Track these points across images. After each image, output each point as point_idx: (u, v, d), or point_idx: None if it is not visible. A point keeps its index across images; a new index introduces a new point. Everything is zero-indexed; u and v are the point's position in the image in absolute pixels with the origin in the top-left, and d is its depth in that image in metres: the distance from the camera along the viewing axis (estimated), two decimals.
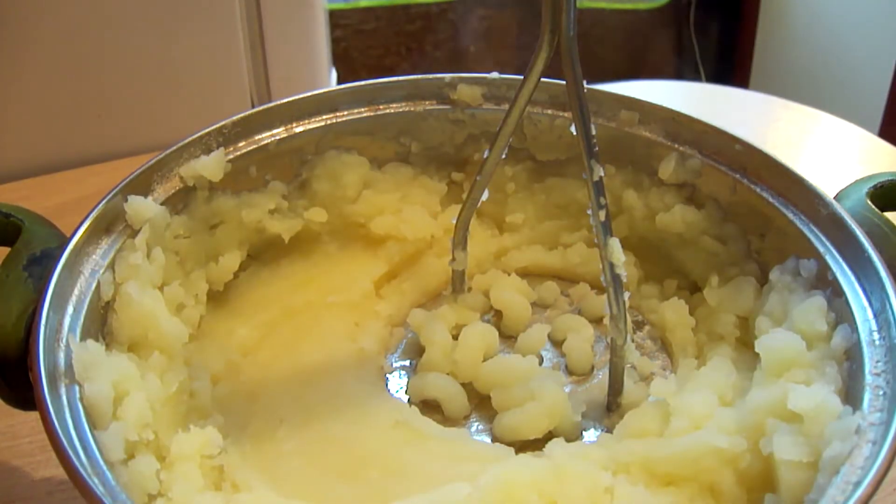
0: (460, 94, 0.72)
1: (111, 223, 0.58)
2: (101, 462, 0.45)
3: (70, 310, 0.52)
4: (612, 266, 0.57)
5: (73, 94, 0.95)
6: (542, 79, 0.56)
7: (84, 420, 0.47)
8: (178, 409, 0.56)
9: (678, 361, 0.65)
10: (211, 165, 0.63)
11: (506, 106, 0.64)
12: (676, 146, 0.67)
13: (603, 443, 0.56)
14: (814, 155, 1.04)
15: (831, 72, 2.00)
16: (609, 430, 0.60)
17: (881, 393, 0.47)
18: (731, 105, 1.15)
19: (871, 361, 0.49)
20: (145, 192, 0.60)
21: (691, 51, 2.27)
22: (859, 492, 0.42)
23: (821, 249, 0.57)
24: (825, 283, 0.56)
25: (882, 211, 0.58)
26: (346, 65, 2.03)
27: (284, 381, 0.62)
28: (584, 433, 0.61)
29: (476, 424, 0.62)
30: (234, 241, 0.67)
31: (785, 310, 0.58)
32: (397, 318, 0.70)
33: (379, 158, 0.73)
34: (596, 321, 0.69)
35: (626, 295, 0.58)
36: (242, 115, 0.66)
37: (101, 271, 0.55)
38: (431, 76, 0.72)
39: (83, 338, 0.51)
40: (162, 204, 0.61)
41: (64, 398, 0.47)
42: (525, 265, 0.74)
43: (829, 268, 0.56)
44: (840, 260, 0.56)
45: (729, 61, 2.30)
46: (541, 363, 0.66)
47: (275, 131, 0.68)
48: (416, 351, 0.67)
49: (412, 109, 0.72)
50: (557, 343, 0.68)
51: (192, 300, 0.63)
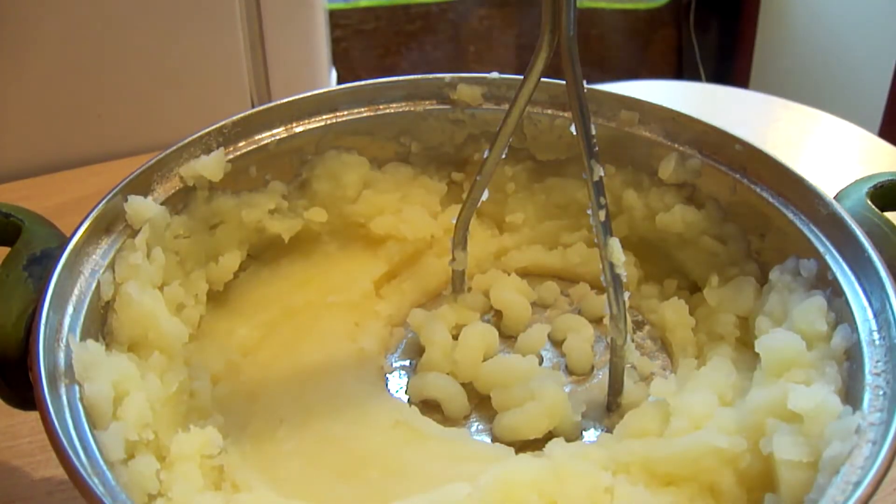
0: (460, 94, 0.72)
1: (111, 223, 0.58)
2: (101, 462, 0.45)
3: (70, 310, 0.52)
4: (612, 266, 0.57)
5: (73, 94, 0.95)
6: (542, 79, 0.56)
7: (84, 420, 0.47)
8: (178, 409, 0.56)
9: (678, 361, 0.65)
10: (211, 165, 0.63)
11: (506, 106, 0.64)
12: (676, 146, 0.67)
13: (603, 443, 0.56)
14: (814, 155, 1.04)
15: (831, 72, 2.00)
16: (609, 430, 0.60)
17: (881, 393, 0.47)
18: (731, 105, 1.15)
19: (871, 361, 0.49)
20: (145, 192, 0.60)
21: (691, 51, 2.27)
22: (859, 492, 0.42)
23: (821, 249, 0.57)
24: (825, 283, 0.56)
25: (882, 211, 0.58)
26: (346, 65, 2.03)
27: (284, 381, 0.62)
28: (584, 433, 0.61)
29: (476, 424, 0.62)
30: (234, 241, 0.67)
31: (785, 310, 0.58)
32: (397, 318, 0.70)
33: (379, 158, 0.73)
34: (596, 321, 0.69)
35: (626, 295, 0.58)
36: (242, 115, 0.66)
37: (101, 271, 0.55)
38: (431, 76, 0.72)
39: (83, 338, 0.51)
40: (162, 204, 0.61)
41: (64, 398, 0.47)
42: (525, 265, 0.74)
43: (829, 268, 0.56)
44: (840, 260, 0.56)
45: (729, 61, 2.30)
46: (541, 363, 0.66)
47: (275, 131, 0.68)
48: (416, 351, 0.67)
49: (412, 109, 0.72)
50: (557, 343, 0.68)
51: (192, 300, 0.63)
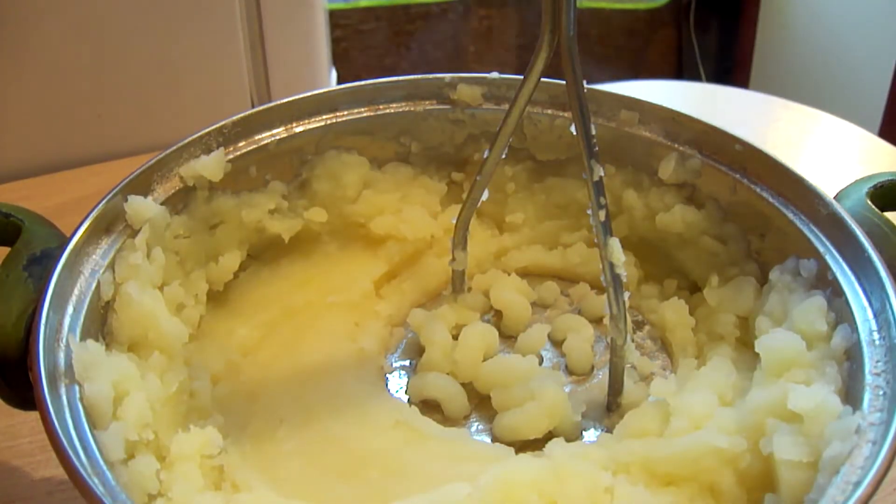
0: (460, 94, 0.72)
1: (111, 223, 0.57)
2: (101, 462, 0.45)
3: (70, 310, 0.52)
4: (612, 266, 0.57)
5: (73, 94, 0.95)
6: (542, 79, 0.56)
7: (84, 420, 0.47)
8: (178, 409, 0.56)
9: (678, 361, 0.65)
10: (211, 165, 0.63)
11: (506, 106, 0.64)
12: (676, 146, 0.67)
13: (603, 443, 0.56)
14: (814, 155, 1.04)
15: (831, 72, 2.00)
16: (609, 430, 0.60)
17: (881, 393, 0.47)
18: (731, 105, 1.15)
19: (871, 361, 0.49)
20: (145, 192, 0.60)
21: (691, 51, 2.27)
22: (859, 492, 0.42)
23: (821, 249, 0.57)
24: (825, 283, 0.56)
25: (882, 211, 0.58)
26: (346, 65, 2.03)
27: (284, 381, 0.62)
28: (584, 433, 0.61)
29: (476, 424, 0.62)
30: (234, 241, 0.67)
31: (785, 310, 0.58)
32: (397, 318, 0.70)
33: (379, 158, 0.73)
34: (596, 321, 0.69)
35: (626, 295, 0.58)
36: (242, 115, 0.66)
37: (101, 271, 0.55)
38: (431, 76, 0.72)
39: (83, 338, 0.51)
40: (162, 204, 0.61)
41: (64, 398, 0.47)
42: (525, 265, 0.74)
43: (829, 268, 0.56)
44: (840, 260, 0.56)
45: (729, 61, 2.30)
46: (541, 363, 0.66)
47: (275, 131, 0.68)
48: (416, 351, 0.67)
49: (412, 109, 0.72)
50: (557, 343, 0.68)
51: (192, 300, 0.63)
